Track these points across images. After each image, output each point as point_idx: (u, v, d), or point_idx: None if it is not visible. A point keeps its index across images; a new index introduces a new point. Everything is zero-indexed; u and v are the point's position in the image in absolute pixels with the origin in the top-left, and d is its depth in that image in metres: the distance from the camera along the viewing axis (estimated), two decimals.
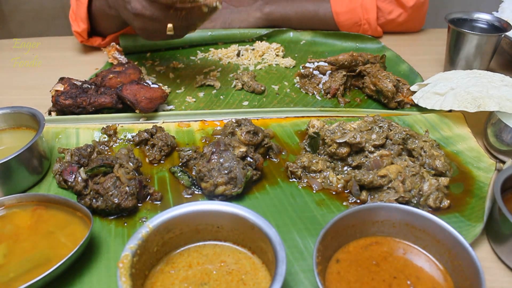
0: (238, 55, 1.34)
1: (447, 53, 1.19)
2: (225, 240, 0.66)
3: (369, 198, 0.79)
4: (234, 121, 0.91)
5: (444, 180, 0.79)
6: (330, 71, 1.15)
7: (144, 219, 0.76)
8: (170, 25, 0.99)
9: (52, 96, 1.02)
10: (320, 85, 1.15)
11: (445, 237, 0.61)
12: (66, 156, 0.86)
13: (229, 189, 0.78)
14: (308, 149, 0.91)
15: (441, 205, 0.76)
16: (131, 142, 0.95)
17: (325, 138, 0.86)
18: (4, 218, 0.72)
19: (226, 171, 0.78)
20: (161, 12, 0.97)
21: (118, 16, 1.14)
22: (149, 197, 0.80)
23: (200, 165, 0.80)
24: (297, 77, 1.20)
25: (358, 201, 0.79)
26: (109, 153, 0.92)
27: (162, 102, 1.03)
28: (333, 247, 0.63)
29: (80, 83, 1.04)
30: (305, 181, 0.84)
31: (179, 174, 0.85)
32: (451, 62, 1.18)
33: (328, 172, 0.84)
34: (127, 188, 0.75)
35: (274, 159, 0.90)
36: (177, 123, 1.01)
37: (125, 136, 0.96)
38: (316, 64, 1.18)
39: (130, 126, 0.98)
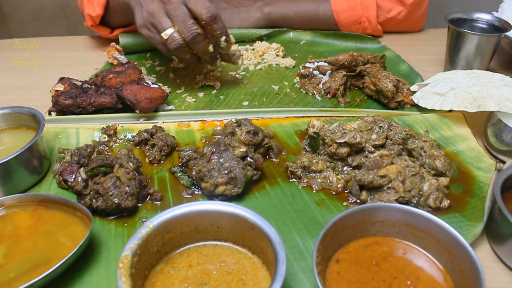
0: None
1: (447, 53, 1.19)
2: (225, 240, 0.66)
3: (369, 198, 0.79)
4: (234, 121, 0.91)
5: (444, 180, 0.79)
6: (330, 71, 1.15)
7: (144, 219, 0.76)
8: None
9: (52, 96, 1.02)
10: (320, 85, 1.14)
11: (445, 237, 0.61)
12: (66, 156, 0.86)
13: (229, 189, 0.78)
14: (308, 149, 0.91)
15: (441, 205, 0.76)
16: (131, 142, 0.95)
17: (325, 138, 0.86)
18: (4, 218, 0.72)
19: (226, 171, 0.78)
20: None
21: (128, 9, 1.13)
22: (149, 197, 0.80)
23: (200, 165, 0.80)
24: (297, 77, 1.20)
25: (358, 201, 0.79)
26: (109, 153, 0.92)
27: (162, 102, 1.03)
28: (333, 247, 0.63)
29: (80, 83, 1.04)
30: (305, 181, 0.84)
31: (179, 174, 0.85)
32: (451, 62, 1.18)
33: (328, 172, 0.84)
34: (127, 188, 0.75)
35: (274, 159, 0.90)
36: (177, 123, 1.01)
37: (125, 136, 0.96)
38: (316, 64, 1.18)
39: (130, 126, 0.98)
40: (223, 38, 1.04)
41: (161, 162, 0.90)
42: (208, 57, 1.06)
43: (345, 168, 0.85)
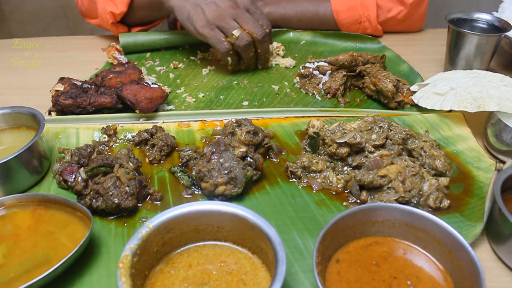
0: None
1: (447, 53, 1.19)
2: (225, 240, 0.66)
3: (369, 198, 0.79)
4: (234, 121, 0.91)
5: (444, 180, 0.79)
6: (330, 71, 1.15)
7: (144, 219, 0.76)
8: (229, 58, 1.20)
9: (52, 96, 1.02)
10: (320, 85, 1.14)
11: (445, 237, 0.61)
12: (66, 156, 0.86)
13: (229, 189, 0.78)
14: (308, 149, 0.91)
15: (441, 205, 0.76)
16: (131, 142, 0.95)
17: (325, 138, 0.86)
18: (4, 218, 0.72)
19: (226, 171, 0.78)
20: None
21: (159, 8, 1.28)
22: (149, 197, 0.80)
23: (200, 165, 0.80)
24: (297, 77, 1.20)
25: (358, 201, 0.79)
26: (109, 153, 0.92)
27: (162, 102, 1.03)
28: (333, 247, 0.63)
29: (80, 83, 1.04)
30: (305, 181, 0.84)
31: (179, 174, 0.85)
32: (451, 62, 1.18)
33: (328, 172, 0.84)
34: (127, 188, 0.75)
35: (274, 159, 0.90)
36: (177, 123, 1.01)
37: (125, 136, 0.96)
38: (316, 64, 1.18)
39: (130, 126, 0.98)
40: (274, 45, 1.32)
41: (161, 162, 0.90)
42: (266, 56, 1.25)
43: (345, 168, 0.85)
